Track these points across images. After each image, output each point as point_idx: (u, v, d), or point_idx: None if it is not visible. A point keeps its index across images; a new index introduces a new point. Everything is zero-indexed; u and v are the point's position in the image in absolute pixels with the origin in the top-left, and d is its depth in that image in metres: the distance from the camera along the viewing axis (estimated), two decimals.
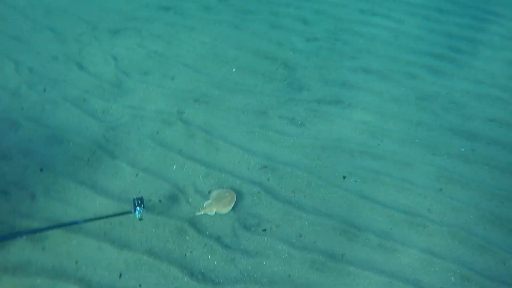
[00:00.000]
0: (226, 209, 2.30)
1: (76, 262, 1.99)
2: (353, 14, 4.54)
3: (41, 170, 2.36)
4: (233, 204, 2.34)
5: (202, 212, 2.27)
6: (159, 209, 2.25)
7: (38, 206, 2.19)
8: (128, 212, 2.04)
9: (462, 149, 3.07)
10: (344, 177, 2.66)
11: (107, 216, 1.98)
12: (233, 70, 3.32)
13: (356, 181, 2.64)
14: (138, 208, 2.00)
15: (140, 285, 1.98)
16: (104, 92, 2.90)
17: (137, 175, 2.43)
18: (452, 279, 2.21)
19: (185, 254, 2.09)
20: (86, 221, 1.92)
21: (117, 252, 2.06)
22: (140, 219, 2.04)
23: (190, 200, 2.35)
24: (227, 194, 2.36)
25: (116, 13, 3.68)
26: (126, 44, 3.35)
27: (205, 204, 2.31)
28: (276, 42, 3.75)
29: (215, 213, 2.27)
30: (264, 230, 2.27)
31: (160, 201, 2.33)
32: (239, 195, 2.40)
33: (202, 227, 2.23)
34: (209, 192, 2.40)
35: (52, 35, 3.29)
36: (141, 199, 2.03)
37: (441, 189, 2.70)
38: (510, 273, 2.27)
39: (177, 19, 3.77)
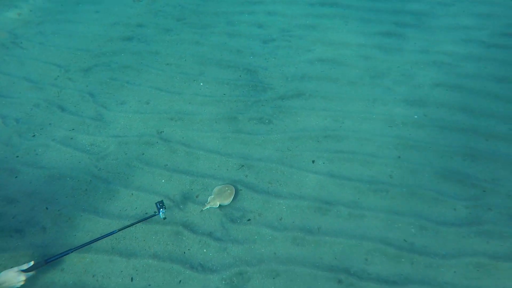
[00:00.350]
0: (227, 201, 2.66)
1: (93, 276, 2.32)
2: (304, 8, 4.88)
3: (47, 208, 2.67)
4: (233, 196, 2.69)
5: (208, 206, 2.63)
6: (156, 219, 2.57)
7: (50, 236, 2.51)
8: (154, 215, 2.43)
9: (415, 116, 3.44)
10: (313, 162, 3.01)
11: (137, 222, 2.37)
12: (201, 84, 3.64)
13: (324, 163, 2.99)
14: (161, 209, 2.39)
15: (149, 285, 2.32)
16: (88, 128, 3.21)
17: (132, 194, 2.75)
18: (413, 230, 2.57)
19: (184, 252, 2.43)
20: (120, 229, 2.31)
21: (126, 261, 2.38)
22: (164, 218, 2.42)
23: (181, 206, 2.68)
24: (226, 188, 2.72)
25: (84, 52, 3.97)
26: (99, 79, 3.65)
27: (209, 199, 2.67)
28: (236, 51, 4.08)
29: (219, 205, 2.64)
30: (249, 220, 2.61)
31: (155, 212, 2.65)
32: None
33: (195, 227, 2.56)
34: (197, 196, 2.73)
35: (30, 84, 3.58)
36: (162, 202, 2.43)
37: (399, 157, 3.07)
38: (458, 216, 2.64)
39: (141, 47, 4.08)
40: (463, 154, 3.08)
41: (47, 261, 2.15)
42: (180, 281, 2.33)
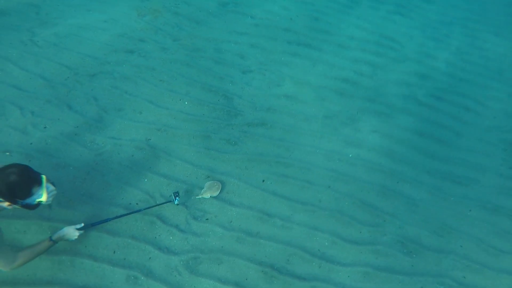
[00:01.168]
0: (216, 193, 3.62)
1: (85, 246, 3.14)
2: (281, 45, 5.77)
3: None
4: (220, 189, 3.64)
5: (201, 196, 3.57)
6: (137, 209, 3.41)
7: (55, 212, 3.30)
8: (169, 201, 3.36)
9: (350, 155, 4.39)
10: (263, 181, 3.91)
11: (158, 204, 3.32)
12: (186, 103, 4.48)
13: (271, 183, 3.91)
14: (177, 197, 3.30)
15: (125, 258, 3.17)
16: (90, 127, 4.00)
17: (121, 187, 3.57)
18: (326, 243, 3.53)
19: (155, 237, 3.29)
20: (145, 208, 3.25)
21: (111, 239, 3.22)
22: (178, 204, 3.37)
23: (157, 202, 3.53)
24: (215, 184, 3.67)
25: (91, 59, 4.73)
26: (103, 86, 4.43)
27: (202, 191, 3.60)
28: (218, 77, 4.93)
29: (210, 196, 3.60)
30: (207, 219, 3.49)
31: (137, 204, 3.50)
32: (188, 196, 3.62)
33: (166, 219, 3.43)
34: (170, 195, 3.58)
35: (44, 82, 4.32)
36: (177, 192, 3.32)
37: (329, 186, 4.01)
38: (362, 237, 3.61)
39: (140, 61, 4.87)
40: (377, 191, 4.06)
41: (92, 224, 3.04)
42: (149, 258, 3.20)
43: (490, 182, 4.46)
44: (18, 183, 2.37)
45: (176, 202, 3.33)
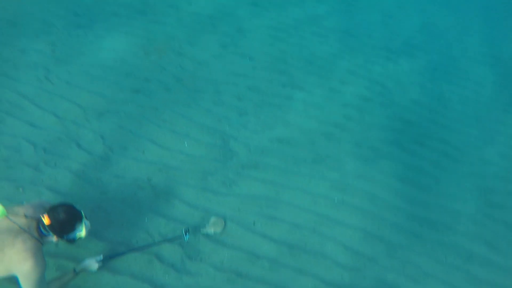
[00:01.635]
0: (219, 229, 3.99)
1: (86, 282, 3.46)
2: (276, 88, 6.16)
3: None
4: (223, 226, 3.99)
5: (205, 232, 3.94)
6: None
7: (61, 248, 3.61)
8: (181, 237, 3.77)
9: (335, 200, 4.74)
10: (254, 223, 4.26)
11: (170, 239, 3.78)
12: (186, 144, 4.84)
13: (261, 225, 4.25)
14: (187, 234, 3.74)
15: None
16: (97, 165, 4.34)
17: (122, 225, 3.90)
18: (310, 287, 3.86)
19: (152, 276, 3.61)
20: (159, 242, 3.74)
21: (112, 277, 3.53)
22: (187, 240, 3.75)
23: (156, 241, 3.86)
24: (219, 220, 4.02)
25: (100, 97, 5.10)
26: (109, 125, 4.79)
27: (207, 227, 3.97)
28: (217, 119, 5.31)
29: (213, 232, 3.98)
30: (201, 259, 3.82)
31: (137, 242, 3.82)
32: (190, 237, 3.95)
33: (163, 258, 3.75)
34: (185, 230, 3.87)
35: (55, 119, 4.67)
36: (188, 228, 3.78)
37: (314, 230, 4.35)
38: (343, 282, 3.94)
39: (145, 101, 5.25)
40: (358, 236, 4.40)
41: (110, 257, 3.39)
42: None
43: (465, 228, 4.82)
44: (66, 220, 2.83)
45: (186, 238, 3.75)
